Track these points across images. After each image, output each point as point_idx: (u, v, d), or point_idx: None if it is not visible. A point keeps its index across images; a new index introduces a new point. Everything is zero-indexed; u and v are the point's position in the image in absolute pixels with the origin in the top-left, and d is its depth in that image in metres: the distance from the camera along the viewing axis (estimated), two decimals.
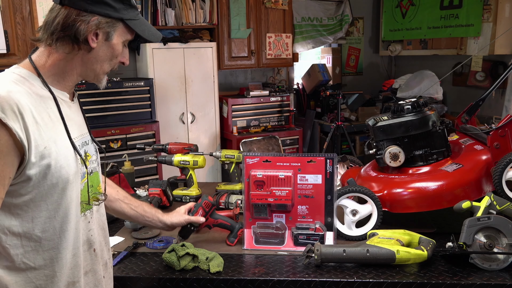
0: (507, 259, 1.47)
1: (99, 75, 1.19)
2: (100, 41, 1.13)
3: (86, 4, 1.09)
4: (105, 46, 1.15)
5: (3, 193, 1.02)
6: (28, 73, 1.11)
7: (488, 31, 4.42)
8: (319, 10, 5.36)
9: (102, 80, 1.21)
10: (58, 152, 1.08)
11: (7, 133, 0.99)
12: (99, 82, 1.22)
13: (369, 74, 6.04)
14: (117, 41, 1.16)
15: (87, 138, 1.26)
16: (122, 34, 1.17)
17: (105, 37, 1.13)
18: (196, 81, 4.39)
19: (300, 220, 1.69)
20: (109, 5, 1.11)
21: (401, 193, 1.76)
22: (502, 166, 1.68)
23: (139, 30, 1.18)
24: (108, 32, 1.13)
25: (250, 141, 4.49)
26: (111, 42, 1.15)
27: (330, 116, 5.12)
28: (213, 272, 1.49)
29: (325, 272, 1.49)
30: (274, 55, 4.85)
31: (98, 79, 1.20)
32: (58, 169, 1.07)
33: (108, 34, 1.13)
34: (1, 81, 1.06)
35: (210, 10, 4.41)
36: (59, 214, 1.11)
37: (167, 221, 1.60)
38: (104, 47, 1.15)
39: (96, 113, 3.83)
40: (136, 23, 1.18)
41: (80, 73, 1.17)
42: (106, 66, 1.18)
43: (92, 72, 1.18)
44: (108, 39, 1.14)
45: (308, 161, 1.66)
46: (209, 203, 1.68)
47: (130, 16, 1.16)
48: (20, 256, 1.08)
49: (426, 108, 1.88)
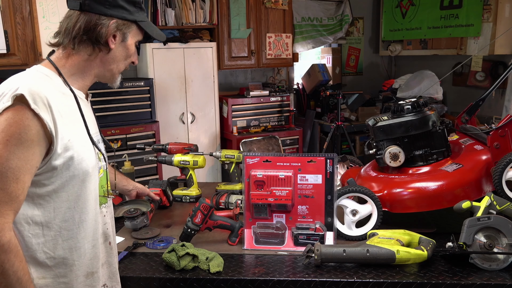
0: (507, 259, 1.47)
1: (115, 74, 1.28)
2: (117, 42, 1.22)
3: (105, 9, 1.18)
4: (121, 46, 1.24)
5: (30, 182, 1.07)
6: (51, 72, 1.18)
7: (488, 31, 4.42)
8: (319, 10, 5.35)
9: (117, 79, 1.30)
10: (80, 145, 1.16)
11: (39, 123, 1.06)
12: (115, 82, 1.30)
13: (369, 74, 6.04)
14: (131, 41, 1.26)
15: (99, 136, 1.33)
16: (135, 35, 1.26)
17: (122, 38, 1.23)
18: (196, 81, 4.39)
19: (300, 220, 1.69)
20: (125, 9, 1.21)
21: (401, 193, 1.76)
22: (502, 166, 1.68)
23: (149, 31, 1.28)
24: (124, 34, 1.23)
25: (250, 141, 4.49)
26: (126, 43, 1.24)
27: (330, 116, 5.12)
28: (213, 272, 1.49)
29: (325, 272, 1.49)
30: (274, 55, 4.85)
31: (113, 78, 1.29)
32: (79, 161, 1.15)
33: (124, 36, 1.23)
34: (29, 77, 1.13)
35: (210, 10, 4.41)
36: (79, 205, 1.18)
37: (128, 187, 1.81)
38: (121, 48, 1.24)
39: (96, 113, 3.80)
40: (146, 24, 1.27)
41: (97, 74, 1.25)
42: (121, 66, 1.27)
43: (109, 72, 1.26)
44: (124, 40, 1.23)
45: (308, 161, 1.66)
46: (207, 205, 1.68)
47: (141, 18, 1.26)
48: (41, 245, 1.13)
49: (426, 108, 1.88)
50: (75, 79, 1.21)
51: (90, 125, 1.23)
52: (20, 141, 1.04)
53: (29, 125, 1.04)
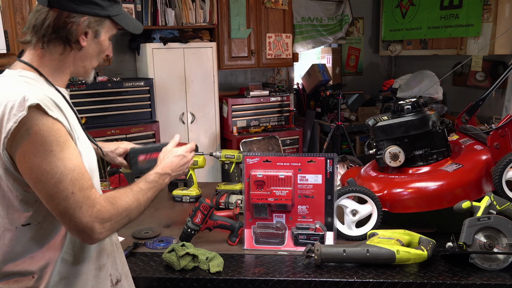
0: (507, 259, 1.47)
1: (89, 70, 1.23)
2: (89, 39, 1.16)
3: (75, 5, 1.11)
4: (94, 43, 1.18)
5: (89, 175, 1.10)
6: (34, 75, 1.13)
7: (488, 31, 4.42)
8: (319, 10, 5.35)
9: (91, 74, 1.25)
10: (84, 142, 1.16)
11: (61, 125, 1.06)
12: (88, 77, 1.25)
13: (369, 74, 6.04)
14: (105, 37, 1.20)
15: None
16: (109, 30, 1.20)
17: (94, 35, 1.17)
18: (196, 81, 4.39)
19: (300, 220, 1.69)
20: (97, 4, 1.14)
21: (401, 193, 1.76)
22: (502, 166, 1.68)
23: (124, 24, 1.22)
24: (96, 30, 1.16)
25: (250, 141, 4.48)
26: (99, 39, 1.18)
27: (330, 116, 5.12)
28: (213, 272, 1.49)
29: (325, 272, 1.49)
30: (274, 55, 4.85)
31: (87, 74, 1.24)
32: (88, 158, 1.15)
33: (97, 32, 1.17)
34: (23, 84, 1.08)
35: (210, 10, 4.41)
36: None
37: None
38: (93, 45, 1.18)
39: (96, 113, 3.83)
40: (121, 18, 1.21)
41: (72, 71, 1.21)
42: (94, 62, 1.22)
43: (83, 68, 1.21)
44: (97, 36, 1.17)
45: (308, 161, 1.66)
46: (207, 205, 1.68)
47: (116, 11, 1.19)
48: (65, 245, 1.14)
49: (426, 108, 1.88)
50: (54, 79, 1.17)
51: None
52: (61, 146, 1.04)
53: (58, 128, 1.04)
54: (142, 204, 1.20)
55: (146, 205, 1.22)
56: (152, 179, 1.26)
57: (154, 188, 1.25)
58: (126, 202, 1.15)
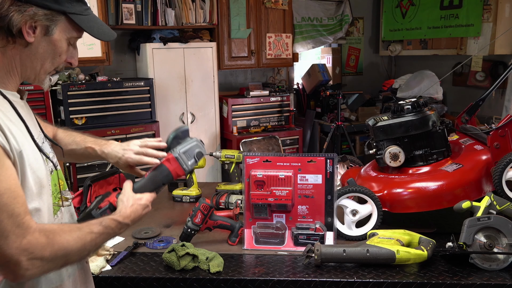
0: (507, 259, 1.47)
1: (40, 74, 1.08)
2: (38, 35, 1.02)
3: None
4: (45, 42, 1.04)
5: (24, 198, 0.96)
6: None
7: (488, 31, 4.42)
8: (319, 10, 5.35)
9: (43, 80, 1.10)
10: (29, 155, 1.01)
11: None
12: (41, 83, 1.10)
13: (369, 74, 6.04)
14: (60, 37, 1.05)
15: (42, 135, 1.16)
16: (66, 30, 1.06)
17: (44, 31, 1.03)
18: (196, 81, 4.39)
19: (300, 220, 1.69)
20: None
21: (401, 193, 1.76)
22: (502, 166, 1.68)
23: (85, 27, 1.07)
24: (47, 26, 1.02)
25: (250, 141, 4.48)
26: (51, 38, 1.04)
27: (330, 116, 5.12)
28: (213, 272, 1.49)
29: (325, 272, 1.49)
30: (274, 55, 4.85)
31: (39, 79, 1.09)
32: (33, 174, 1.02)
33: (47, 28, 1.03)
34: None
35: (210, 10, 4.41)
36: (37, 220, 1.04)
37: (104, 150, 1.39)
38: (44, 43, 1.04)
39: (96, 113, 3.83)
40: (83, 19, 1.06)
41: (21, 73, 1.06)
42: (47, 65, 1.07)
43: (32, 71, 1.06)
44: (48, 33, 1.03)
45: (308, 161, 1.66)
46: (207, 205, 1.68)
47: (76, 10, 1.05)
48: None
49: (426, 108, 1.88)
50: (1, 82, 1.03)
51: (32, 129, 1.07)
52: None
53: None
54: (87, 248, 1.04)
55: (92, 251, 1.07)
56: (108, 224, 1.09)
57: (106, 235, 1.09)
58: (67, 240, 0.99)
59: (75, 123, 3.74)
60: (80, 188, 2.10)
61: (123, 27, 4.13)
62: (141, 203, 1.19)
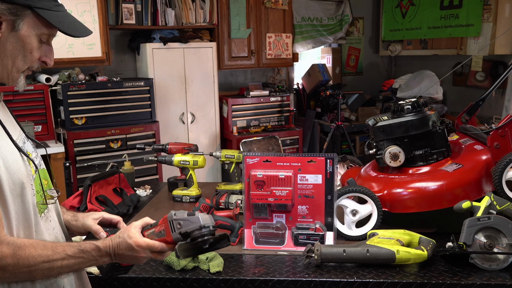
0: (507, 259, 1.47)
1: (12, 73, 1.05)
2: (5, 31, 0.99)
3: None
4: (13, 37, 1.01)
5: None
6: None
7: (488, 31, 4.42)
8: (319, 10, 5.35)
9: (17, 79, 1.06)
10: (6, 158, 0.99)
11: None
12: (14, 82, 1.06)
13: (369, 74, 6.04)
14: (28, 33, 1.02)
15: (23, 136, 1.15)
16: (34, 26, 1.02)
17: (11, 27, 1.00)
18: (196, 81, 4.39)
19: (300, 220, 1.69)
20: None
21: (401, 193, 1.76)
22: (502, 166, 1.68)
23: (54, 22, 1.03)
24: (13, 21, 0.99)
25: (250, 141, 4.48)
26: (19, 33, 1.01)
27: (330, 116, 5.12)
28: (213, 272, 1.49)
29: (325, 272, 1.49)
30: (274, 55, 4.85)
31: (12, 78, 1.05)
32: (11, 176, 1.00)
33: (14, 24, 0.99)
34: None
35: (210, 10, 4.41)
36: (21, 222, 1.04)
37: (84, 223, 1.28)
38: (12, 39, 1.01)
39: (96, 113, 3.83)
40: (51, 14, 1.02)
41: None
42: (19, 63, 1.04)
43: (5, 69, 1.03)
44: (14, 29, 1.00)
45: (308, 161, 1.66)
46: (207, 206, 1.69)
47: (44, 5, 1.01)
48: None
49: (426, 108, 1.88)
50: None
51: (11, 130, 1.05)
52: None
53: None
54: (55, 269, 1.01)
55: (61, 273, 1.04)
56: (87, 249, 1.05)
57: (82, 260, 1.04)
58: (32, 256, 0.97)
59: (75, 123, 3.74)
60: (80, 188, 2.11)
61: (123, 27, 4.13)
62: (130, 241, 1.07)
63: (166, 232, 1.07)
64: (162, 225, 1.09)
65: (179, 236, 1.06)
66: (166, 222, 1.08)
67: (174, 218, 1.07)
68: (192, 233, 1.05)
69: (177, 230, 1.06)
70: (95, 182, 2.04)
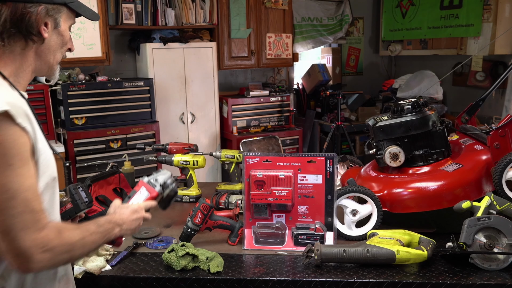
0: (507, 259, 1.47)
1: (53, 66, 1.16)
2: (50, 30, 1.10)
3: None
4: (55, 34, 1.12)
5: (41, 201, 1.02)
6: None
7: (488, 31, 4.42)
8: (319, 10, 5.35)
9: (55, 71, 1.18)
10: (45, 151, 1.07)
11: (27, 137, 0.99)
12: (53, 74, 1.18)
13: (369, 74, 6.04)
14: (65, 27, 1.14)
15: None
16: (68, 19, 1.15)
17: (54, 25, 1.11)
18: (196, 81, 4.39)
19: (300, 220, 1.69)
20: None
21: (401, 193, 1.76)
22: (502, 166, 1.68)
23: (81, 11, 1.17)
24: (56, 19, 1.11)
25: (250, 141, 4.48)
26: (60, 29, 1.13)
27: (330, 116, 5.12)
28: (213, 272, 1.49)
29: (325, 272, 1.49)
30: (274, 55, 4.85)
31: (52, 71, 1.17)
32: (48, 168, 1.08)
33: (56, 21, 1.11)
34: None
35: (210, 10, 4.41)
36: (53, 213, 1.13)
37: None
38: (55, 36, 1.12)
39: (96, 113, 3.83)
40: (77, 5, 1.16)
41: (35, 69, 1.13)
42: (58, 56, 1.16)
43: (46, 64, 1.14)
44: (57, 26, 1.12)
45: (308, 161, 1.66)
46: (207, 205, 1.68)
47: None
48: None
49: (426, 108, 1.88)
50: (16, 80, 1.08)
51: None
52: (22, 161, 0.98)
53: (23, 142, 0.98)
54: (87, 245, 1.10)
55: (91, 249, 1.13)
56: (102, 223, 1.17)
57: (101, 234, 1.15)
58: (73, 236, 1.06)
59: (75, 123, 3.74)
60: None
61: (123, 27, 4.13)
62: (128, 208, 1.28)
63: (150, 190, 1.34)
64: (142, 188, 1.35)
65: (161, 188, 1.35)
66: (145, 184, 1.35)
67: (150, 178, 1.36)
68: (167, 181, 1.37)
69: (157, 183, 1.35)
70: (95, 182, 2.04)
